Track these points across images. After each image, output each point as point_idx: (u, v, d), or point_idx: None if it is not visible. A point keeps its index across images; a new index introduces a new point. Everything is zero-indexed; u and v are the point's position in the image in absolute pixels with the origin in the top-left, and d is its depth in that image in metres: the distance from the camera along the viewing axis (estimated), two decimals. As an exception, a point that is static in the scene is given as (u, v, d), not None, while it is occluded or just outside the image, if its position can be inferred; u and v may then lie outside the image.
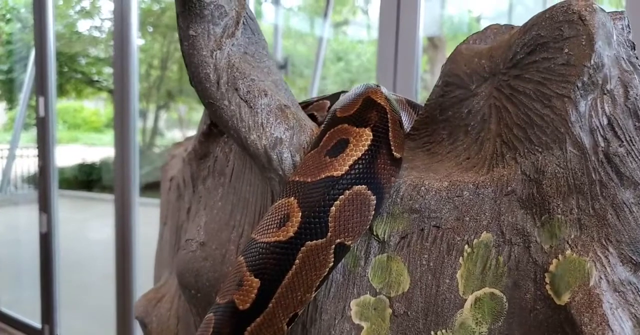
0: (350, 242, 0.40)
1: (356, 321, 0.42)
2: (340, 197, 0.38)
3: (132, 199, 2.79)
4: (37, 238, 3.23)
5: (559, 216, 0.37)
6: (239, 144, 0.45)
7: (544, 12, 0.38)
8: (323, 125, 0.44)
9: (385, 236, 0.43)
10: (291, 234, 0.38)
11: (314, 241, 0.38)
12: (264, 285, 0.38)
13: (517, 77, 0.40)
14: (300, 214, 0.38)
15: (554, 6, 0.38)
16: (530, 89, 0.39)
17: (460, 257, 0.40)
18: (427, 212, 0.42)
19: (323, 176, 0.39)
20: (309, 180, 0.39)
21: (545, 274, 0.37)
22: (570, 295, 0.36)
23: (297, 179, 0.40)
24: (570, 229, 0.37)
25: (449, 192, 0.42)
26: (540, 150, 0.38)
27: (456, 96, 0.46)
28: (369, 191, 0.40)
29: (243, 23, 0.46)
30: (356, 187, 0.39)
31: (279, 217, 0.39)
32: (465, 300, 0.40)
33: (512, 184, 0.39)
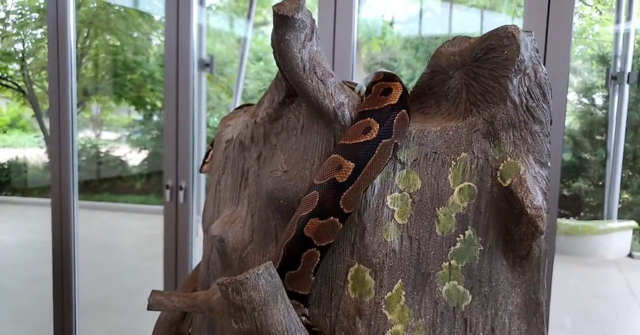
0: (399, 142, 0.71)
1: (391, 207, 0.73)
2: (398, 114, 0.70)
3: (70, 202, 2.86)
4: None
5: (504, 140, 0.70)
6: (315, 107, 0.74)
7: (493, 31, 0.71)
8: (368, 84, 0.75)
9: (404, 159, 0.74)
10: (374, 135, 0.68)
11: (386, 140, 0.68)
12: (357, 166, 0.68)
13: (478, 67, 0.73)
14: (378, 125, 0.68)
15: (499, 28, 0.70)
16: (486, 73, 0.72)
17: (449, 167, 0.72)
18: (429, 144, 0.73)
19: (386, 104, 0.70)
20: (377, 107, 0.70)
21: (497, 172, 0.70)
22: (510, 180, 0.69)
23: (368, 108, 0.71)
24: (509, 147, 0.70)
25: (441, 132, 0.73)
26: (493, 106, 0.71)
27: (440, 78, 0.78)
28: (407, 113, 0.71)
29: (315, 31, 0.74)
30: (402, 110, 0.70)
31: (362, 128, 0.69)
32: (454, 190, 0.72)
33: (477, 125, 0.72)
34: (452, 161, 0.72)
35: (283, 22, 0.71)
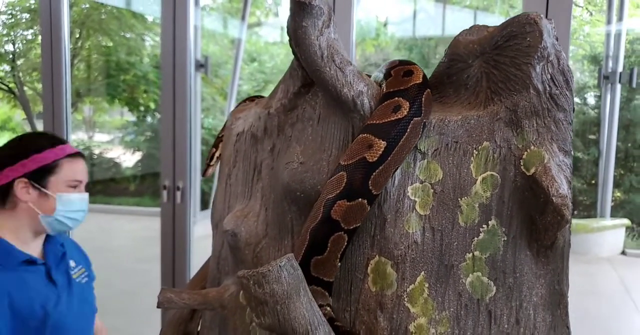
0: (427, 121, 0.70)
1: (412, 198, 0.71)
2: (425, 93, 0.69)
3: None
4: None
5: (527, 128, 0.69)
6: (333, 96, 0.72)
7: (514, 18, 0.69)
8: (384, 73, 0.74)
9: (425, 149, 0.72)
10: (405, 113, 0.67)
11: (417, 118, 0.67)
12: (389, 145, 0.66)
13: (498, 54, 0.71)
14: (408, 103, 0.67)
15: (520, 15, 0.69)
16: (508, 60, 0.70)
17: (472, 157, 0.71)
18: (449, 134, 0.72)
19: (412, 84, 0.69)
20: (402, 88, 0.68)
21: (521, 160, 0.69)
22: (535, 168, 0.67)
23: (393, 89, 0.69)
24: (532, 135, 0.69)
25: (462, 121, 0.72)
26: (515, 93, 0.70)
27: (458, 67, 0.76)
28: (430, 92, 0.70)
29: (332, 19, 0.73)
30: (428, 90, 0.70)
31: (392, 108, 0.68)
32: (477, 179, 0.70)
33: (500, 114, 0.71)
34: (474, 150, 0.71)
35: (300, 8, 0.69)
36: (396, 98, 0.68)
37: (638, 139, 7.22)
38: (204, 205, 6.84)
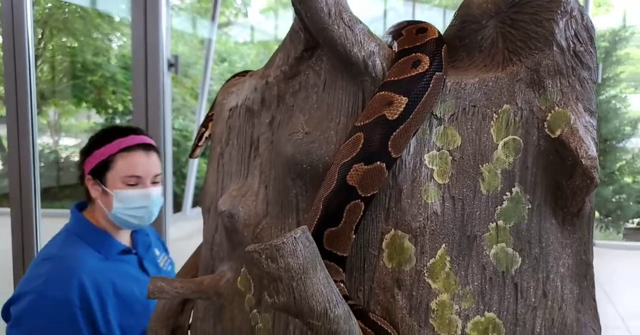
0: (446, 78, 0.65)
1: (429, 166, 0.66)
2: (443, 47, 0.64)
3: (31, 210, 2.73)
4: None
5: (550, 88, 0.65)
6: (342, 57, 0.66)
7: (534, -28, 0.65)
8: (394, 32, 0.69)
9: (441, 115, 0.67)
10: (426, 67, 0.61)
11: (439, 73, 0.62)
12: (410, 102, 0.61)
13: (516, 12, 0.67)
14: (428, 58, 0.62)
15: (540, -32, 0.65)
16: (527, 18, 0.66)
17: (491, 121, 0.66)
18: (466, 97, 0.67)
19: (428, 39, 0.64)
20: (419, 43, 0.63)
21: (544, 123, 0.65)
22: (560, 130, 0.63)
23: (408, 46, 0.64)
24: (556, 95, 0.65)
25: (479, 84, 0.67)
26: (536, 52, 0.65)
27: (471, 28, 0.72)
28: (446, 47, 0.66)
29: (338, -25, 0.67)
30: (444, 45, 0.65)
31: (411, 63, 0.62)
32: (498, 144, 0.66)
33: (520, 74, 0.66)
34: (494, 114, 0.66)
35: (305, -38, 0.64)
36: (414, 54, 0.63)
37: (603, 133, 7.40)
38: (177, 208, 6.67)
